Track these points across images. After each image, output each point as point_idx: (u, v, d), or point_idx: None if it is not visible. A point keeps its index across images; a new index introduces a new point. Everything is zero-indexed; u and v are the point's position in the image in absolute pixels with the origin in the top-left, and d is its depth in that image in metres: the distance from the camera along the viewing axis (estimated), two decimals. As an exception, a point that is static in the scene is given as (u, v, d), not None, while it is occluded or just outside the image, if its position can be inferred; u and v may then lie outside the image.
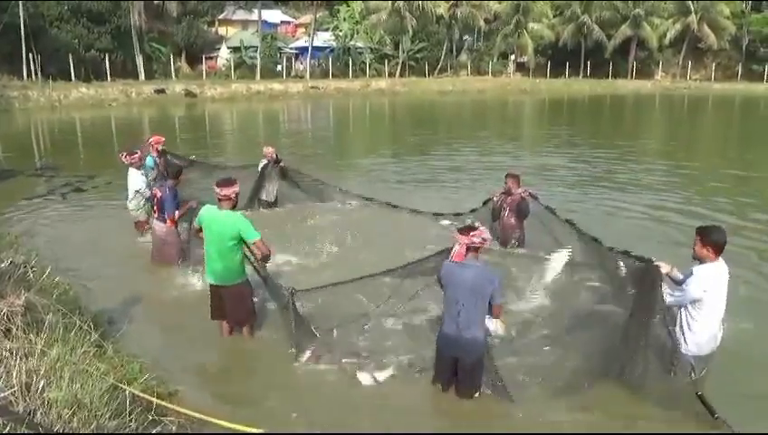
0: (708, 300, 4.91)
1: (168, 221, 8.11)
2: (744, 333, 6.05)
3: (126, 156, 9.16)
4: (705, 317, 4.94)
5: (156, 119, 31.49)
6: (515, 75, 59.56)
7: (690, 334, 5.00)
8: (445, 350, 5.06)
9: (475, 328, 4.88)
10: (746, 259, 8.52)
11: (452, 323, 4.90)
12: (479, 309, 4.84)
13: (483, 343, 4.98)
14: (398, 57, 54.82)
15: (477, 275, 4.82)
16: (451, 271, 4.91)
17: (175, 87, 40.37)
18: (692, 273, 4.96)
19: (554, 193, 12.78)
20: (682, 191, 13.58)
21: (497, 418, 5.02)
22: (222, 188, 5.67)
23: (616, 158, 18.27)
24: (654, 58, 60.74)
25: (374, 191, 12.08)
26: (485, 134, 25.20)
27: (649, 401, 5.06)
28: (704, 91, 52.18)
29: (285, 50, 55.49)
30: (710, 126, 31.66)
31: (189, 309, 7.06)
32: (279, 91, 43.37)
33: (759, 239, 9.70)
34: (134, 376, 4.72)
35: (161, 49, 47.54)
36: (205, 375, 5.78)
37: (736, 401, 5.05)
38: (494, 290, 4.82)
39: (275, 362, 5.90)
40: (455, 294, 4.85)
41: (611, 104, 42.77)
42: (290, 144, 21.00)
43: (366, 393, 5.37)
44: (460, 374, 5.05)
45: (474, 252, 4.87)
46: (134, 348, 5.67)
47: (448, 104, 41.14)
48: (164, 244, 8.22)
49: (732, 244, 5.29)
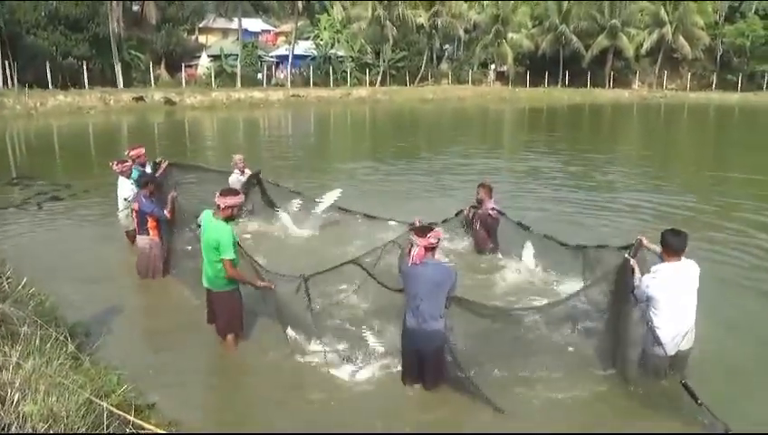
0: (665, 299, 5.04)
1: (150, 232, 7.92)
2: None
3: (117, 164, 9.00)
4: (664, 316, 5.06)
5: (134, 127, 31.18)
6: (495, 84, 60.07)
7: (657, 331, 5.10)
8: (407, 343, 5.27)
9: (434, 321, 5.09)
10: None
11: (413, 317, 5.13)
12: (438, 303, 5.08)
13: (442, 335, 5.17)
14: (379, 66, 55.00)
15: (436, 271, 5.11)
16: (412, 269, 5.16)
17: (154, 95, 40.05)
18: (649, 270, 5.18)
19: (538, 199, 12.95)
20: (659, 192, 13.79)
21: (467, 413, 5.14)
22: (223, 197, 5.70)
23: (598, 164, 18.48)
24: (631, 68, 61.71)
25: (354, 199, 11.95)
26: (465, 142, 25.28)
27: (631, 394, 5.21)
28: (680, 100, 53.11)
29: (266, 58, 55.39)
30: (686, 133, 32.15)
31: (169, 319, 7.01)
32: (259, 100, 43.24)
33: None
34: (112, 388, 4.63)
35: (140, 56, 47.17)
36: (185, 386, 5.67)
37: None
38: (455, 282, 5.13)
39: (258, 371, 5.85)
40: (414, 289, 5.10)
41: (590, 113, 43.28)
42: (271, 155, 20.93)
43: (349, 396, 5.36)
44: (424, 366, 5.25)
45: (431, 251, 5.15)
46: (112, 359, 5.57)
47: (429, 112, 41.30)
48: (148, 258, 8.04)
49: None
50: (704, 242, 9.39)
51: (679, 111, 45.03)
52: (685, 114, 43.45)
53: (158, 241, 8.02)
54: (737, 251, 9.45)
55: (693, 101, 51.73)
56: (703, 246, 8.96)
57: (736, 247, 9.64)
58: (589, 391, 5.33)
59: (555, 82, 59.43)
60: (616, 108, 46.64)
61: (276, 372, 5.78)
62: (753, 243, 9.92)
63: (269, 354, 6.05)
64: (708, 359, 5.68)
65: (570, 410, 5.16)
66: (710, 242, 9.65)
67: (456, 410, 5.22)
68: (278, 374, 5.76)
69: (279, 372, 5.78)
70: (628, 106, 48.72)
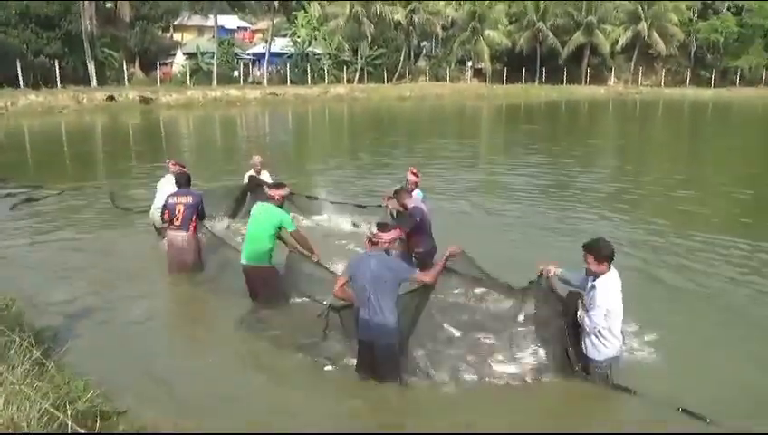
0: (614, 310, 5.09)
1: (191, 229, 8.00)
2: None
3: (174, 164, 9.26)
4: (613, 323, 5.12)
5: (109, 127, 30.77)
6: (473, 81, 60.25)
7: (606, 343, 5.15)
8: (361, 334, 5.36)
9: (383, 313, 5.15)
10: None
11: (364, 308, 5.23)
12: (385, 295, 5.15)
13: (393, 329, 5.20)
14: (357, 63, 54.87)
15: (378, 263, 5.21)
16: (359, 261, 5.43)
17: (128, 93, 39.48)
18: (594, 287, 5.09)
19: (513, 200, 13.04)
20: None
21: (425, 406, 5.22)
22: (275, 189, 7.10)
23: (576, 160, 18.66)
24: (607, 64, 62.34)
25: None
26: (443, 140, 25.34)
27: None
28: (655, 95, 53.83)
29: (242, 56, 54.97)
30: (661, 128, 32.60)
31: (140, 323, 6.89)
32: (236, 98, 42.88)
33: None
34: (78, 394, 4.52)
35: (114, 54, 46.46)
36: (156, 390, 5.58)
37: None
38: (397, 272, 5.22)
39: (229, 373, 5.80)
40: (362, 281, 5.21)
41: (567, 109, 43.67)
42: (248, 156, 20.73)
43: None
44: (377, 359, 5.29)
45: (375, 246, 5.30)
46: (81, 364, 5.45)
47: (407, 110, 41.33)
48: (183, 252, 8.01)
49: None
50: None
51: (654, 106, 45.62)
52: (660, 110, 44.01)
53: (195, 240, 8.13)
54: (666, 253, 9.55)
55: (668, 97, 52.52)
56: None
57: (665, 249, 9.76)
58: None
59: (532, 78, 59.79)
60: (592, 104, 47.16)
61: (254, 372, 5.74)
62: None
63: (241, 353, 6.01)
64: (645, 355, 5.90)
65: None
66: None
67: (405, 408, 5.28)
68: (255, 374, 5.72)
69: (255, 380, 5.73)
70: (605, 102, 49.25)
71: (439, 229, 7.83)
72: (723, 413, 4.86)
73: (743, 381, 5.56)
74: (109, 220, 11.32)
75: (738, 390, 5.43)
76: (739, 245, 9.72)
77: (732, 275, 8.44)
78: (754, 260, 9.08)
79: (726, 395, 5.31)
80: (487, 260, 6.60)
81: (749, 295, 7.71)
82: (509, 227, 11.21)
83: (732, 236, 10.16)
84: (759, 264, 8.90)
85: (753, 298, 7.63)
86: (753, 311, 7.24)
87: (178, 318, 7.28)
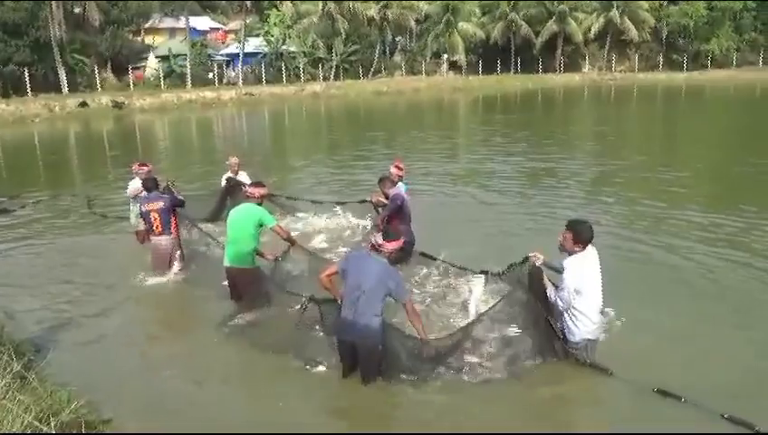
0: (586, 286, 5.13)
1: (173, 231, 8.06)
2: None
3: (139, 166, 9.05)
4: (587, 303, 5.16)
5: (83, 134, 30.33)
6: (449, 74, 60.31)
7: (579, 323, 5.22)
8: (342, 334, 5.33)
9: (370, 316, 5.15)
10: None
11: (350, 308, 5.18)
12: (378, 300, 5.15)
13: (377, 331, 5.21)
14: (332, 60, 54.65)
15: (381, 270, 5.18)
16: (359, 258, 5.39)
17: (101, 99, 38.95)
18: (564, 267, 5.18)
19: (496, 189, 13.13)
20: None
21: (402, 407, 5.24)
22: (254, 187, 7.04)
23: (556, 147, 18.79)
24: (580, 52, 62.69)
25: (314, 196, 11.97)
26: (421, 132, 25.34)
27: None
28: (629, 81, 54.30)
29: (216, 57, 54.42)
30: (636, 112, 32.91)
31: (121, 331, 6.82)
32: (211, 99, 42.52)
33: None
34: (61, 406, 4.46)
35: (84, 60, 45.77)
36: (138, 398, 5.52)
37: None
38: (396, 288, 5.18)
39: (212, 377, 5.76)
40: (357, 280, 5.17)
41: (543, 98, 43.91)
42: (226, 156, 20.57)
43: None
44: (360, 360, 5.32)
45: (376, 251, 5.27)
46: (64, 375, 5.40)
47: (384, 105, 41.29)
48: (169, 255, 8.10)
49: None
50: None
51: (629, 92, 46.05)
52: (634, 95, 44.45)
53: (178, 239, 8.20)
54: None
55: (642, 82, 53.03)
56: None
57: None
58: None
59: (507, 69, 59.99)
60: (568, 92, 47.49)
61: (237, 376, 5.71)
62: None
63: (223, 357, 5.97)
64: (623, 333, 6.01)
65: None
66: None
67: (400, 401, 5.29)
68: (237, 379, 5.68)
69: (240, 376, 5.70)
70: (580, 90, 49.64)
71: (425, 220, 7.89)
72: (702, 393, 4.91)
73: (723, 361, 5.65)
74: (86, 227, 11.22)
75: (719, 368, 5.52)
76: (719, 221, 10.00)
77: (711, 252, 8.62)
78: (728, 235, 9.33)
79: (707, 374, 5.40)
80: (470, 248, 6.64)
81: (731, 272, 7.87)
82: (493, 214, 11.36)
83: (714, 213, 10.45)
84: (733, 240, 9.11)
85: (735, 275, 7.78)
86: (732, 288, 7.39)
87: (159, 324, 7.20)
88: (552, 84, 53.06)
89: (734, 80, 51.71)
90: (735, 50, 59.70)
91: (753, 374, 5.44)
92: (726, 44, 59.41)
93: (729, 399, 4.91)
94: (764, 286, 7.43)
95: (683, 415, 4.79)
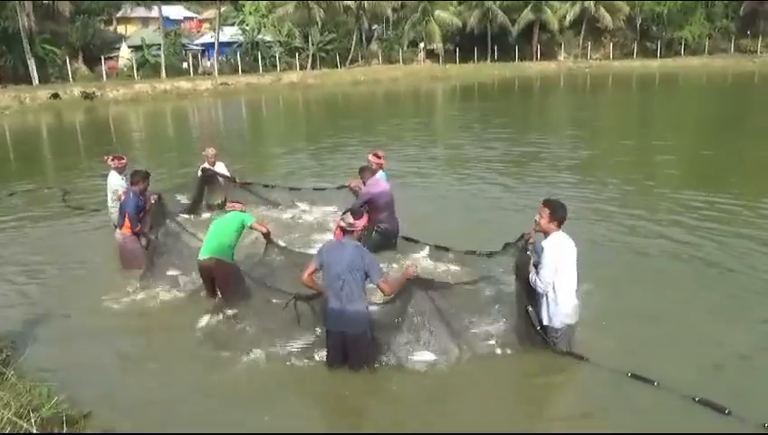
0: (563, 267, 5.24)
1: (123, 227, 7.96)
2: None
3: (113, 159, 8.91)
4: (565, 285, 5.27)
5: (55, 127, 29.77)
6: (426, 62, 60.26)
7: (560, 303, 5.30)
8: (331, 325, 5.35)
9: (358, 301, 5.21)
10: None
11: (336, 298, 5.23)
12: (358, 283, 5.21)
13: (366, 316, 5.30)
14: (309, 49, 54.30)
15: (352, 251, 5.24)
16: (331, 248, 5.41)
17: (73, 90, 38.26)
18: (543, 248, 5.28)
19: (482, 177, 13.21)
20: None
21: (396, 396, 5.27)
22: (233, 204, 7.37)
23: (536, 134, 18.93)
24: (556, 40, 63.10)
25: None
26: (398, 120, 25.34)
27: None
28: (604, 69, 54.76)
29: (190, 47, 53.79)
30: (611, 100, 33.25)
31: (101, 325, 6.75)
32: (187, 90, 42.01)
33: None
34: (41, 401, 4.44)
35: (55, 51, 44.87)
36: (122, 394, 5.48)
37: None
38: (368, 265, 5.19)
39: (193, 373, 5.74)
40: (336, 269, 5.21)
41: (520, 86, 44.13)
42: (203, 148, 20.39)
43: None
44: (349, 348, 5.33)
45: (350, 234, 5.34)
46: (43, 371, 5.38)
47: (362, 94, 41.14)
48: (123, 250, 8.07)
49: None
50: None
51: (604, 79, 46.48)
52: (609, 82, 44.88)
53: (132, 235, 8.04)
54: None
55: (617, 70, 53.56)
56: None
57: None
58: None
59: (484, 57, 60.23)
60: (544, 80, 47.76)
61: (220, 371, 5.69)
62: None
63: (207, 350, 5.96)
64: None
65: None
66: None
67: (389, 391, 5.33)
68: (219, 372, 5.67)
69: (223, 370, 5.68)
70: (556, 77, 49.96)
71: (410, 207, 7.95)
72: (674, 378, 5.02)
73: (698, 344, 5.78)
74: (62, 221, 11.05)
75: (692, 352, 5.64)
76: (697, 202, 10.26)
77: (691, 234, 8.82)
78: (710, 215, 9.60)
79: (682, 359, 5.50)
80: (456, 233, 6.69)
81: (705, 253, 8.05)
82: (479, 200, 11.57)
83: (694, 192, 10.70)
84: (711, 220, 9.38)
85: (711, 256, 7.96)
86: (707, 269, 7.56)
87: (140, 318, 7.13)
88: (529, 72, 53.32)
89: (706, 67, 52.53)
90: (708, 37, 60.54)
91: (725, 357, 5.56)
92: (699, 32, 60.26)
93: (704, 383, 5.03)
94: (739, 265, 7.60)
95: (656, 399, 4.89)
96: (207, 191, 10.59)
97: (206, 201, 10.59)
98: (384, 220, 7.98)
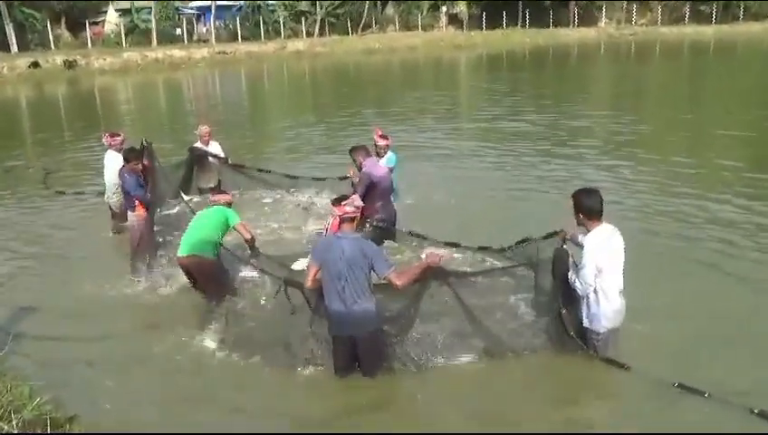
0: (606, 266, 5.11)
1: (136, 209, 7.96)
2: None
3: (108, 136, 9.08)
4: (609, 286, 5.15)
5: (36, 100, 30.07)
6: (448, 29, 59.91)
7: (602, 304, 5.19)
8: (338, 330, 5.25)
9: (364, 300, 5.09)
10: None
11: (338, 300, 5.10)
12: (362, 280, 5.08)
13: (375, 315, 5.20)
14: (317, 14, 54.14)
15: (353, 245, 5.09)
16: (328, 245, 5.22)
17: (55, 59, 38.56)
18: (583, 244, 5.19)
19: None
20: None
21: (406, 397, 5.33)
22: (217, 195, 7.35)
23: (571, 111, 18.80)
24: (596, 3, 62.26)
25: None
26: (421, 105, 25.22)
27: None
28: (651, 36, 54.03)
29: (184, 11, 53.86)
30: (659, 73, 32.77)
31: (86, 318, 6.83)
32: (180, 59, 42.18)
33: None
34: (23, 402, 4.51)
35: (35, 15, 45.19)
36: (109, 394, 5.56)
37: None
38: (374, 257, 5.06)
39: (189, 373, 5.81)
40: (335, 268, 5.06)
41: (554, 57, 43.64)
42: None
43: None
44: (360, 352, 5.26)
45: (349, 223, 5.23)
46: (25, 369, 5.47)
47: (376, 64, 41.04)
48: (138, 234, 8.03)
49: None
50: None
51: (651, 49, 45.82)
52: (657, 53, 44.19)
53: (145, 217, 8.07)
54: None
55: (665, 38, 52.70)
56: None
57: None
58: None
59: (514, 23, 59.59)
60: (582, 50, 47.15)
61: (205, 370, 5.76)
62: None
63: (195, 351, 6.06)
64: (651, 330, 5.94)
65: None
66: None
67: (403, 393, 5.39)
68: (206, 372, 5.75)
69: (207, 370, 5.76)
70: (596, 46, 49.38)
71: (434, 190, 7.86)
72: (725, 389, 4.92)
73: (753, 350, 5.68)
74: (43, 205, 11.17)
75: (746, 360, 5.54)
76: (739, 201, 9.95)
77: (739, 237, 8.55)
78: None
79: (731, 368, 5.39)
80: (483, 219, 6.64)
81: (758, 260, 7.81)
82: (507, 181, 11.55)
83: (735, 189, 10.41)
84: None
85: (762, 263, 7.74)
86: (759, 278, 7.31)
87: (128, 316, 7.19)
88: (566, 40, 52.64)
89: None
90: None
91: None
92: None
93: (760, 393, 4.94)
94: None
95: (708, 412, 4.81)
96: (197, 173, 10.48)
97: (197, 184, 10.53)
98: (379, 210, 7.58)
